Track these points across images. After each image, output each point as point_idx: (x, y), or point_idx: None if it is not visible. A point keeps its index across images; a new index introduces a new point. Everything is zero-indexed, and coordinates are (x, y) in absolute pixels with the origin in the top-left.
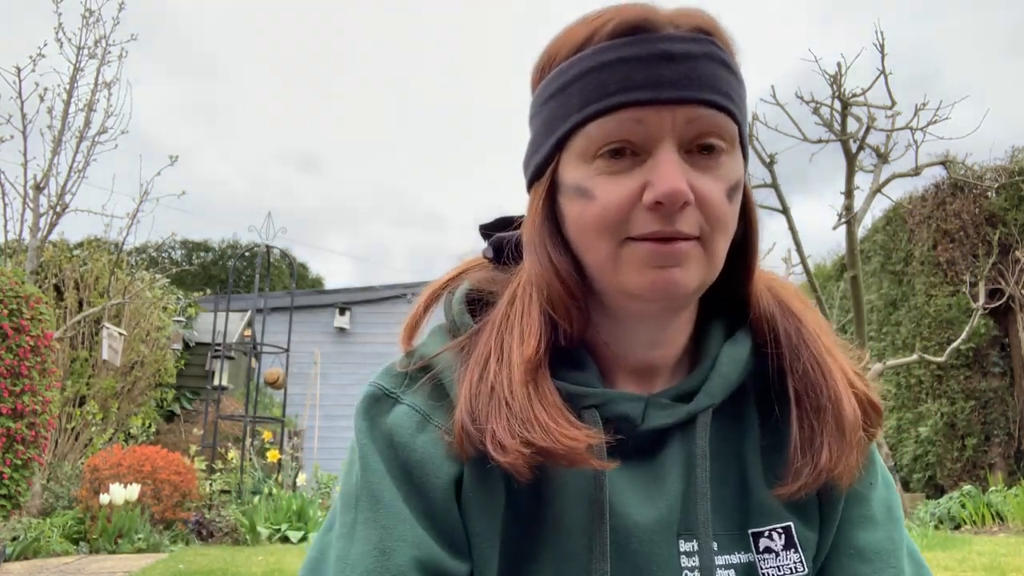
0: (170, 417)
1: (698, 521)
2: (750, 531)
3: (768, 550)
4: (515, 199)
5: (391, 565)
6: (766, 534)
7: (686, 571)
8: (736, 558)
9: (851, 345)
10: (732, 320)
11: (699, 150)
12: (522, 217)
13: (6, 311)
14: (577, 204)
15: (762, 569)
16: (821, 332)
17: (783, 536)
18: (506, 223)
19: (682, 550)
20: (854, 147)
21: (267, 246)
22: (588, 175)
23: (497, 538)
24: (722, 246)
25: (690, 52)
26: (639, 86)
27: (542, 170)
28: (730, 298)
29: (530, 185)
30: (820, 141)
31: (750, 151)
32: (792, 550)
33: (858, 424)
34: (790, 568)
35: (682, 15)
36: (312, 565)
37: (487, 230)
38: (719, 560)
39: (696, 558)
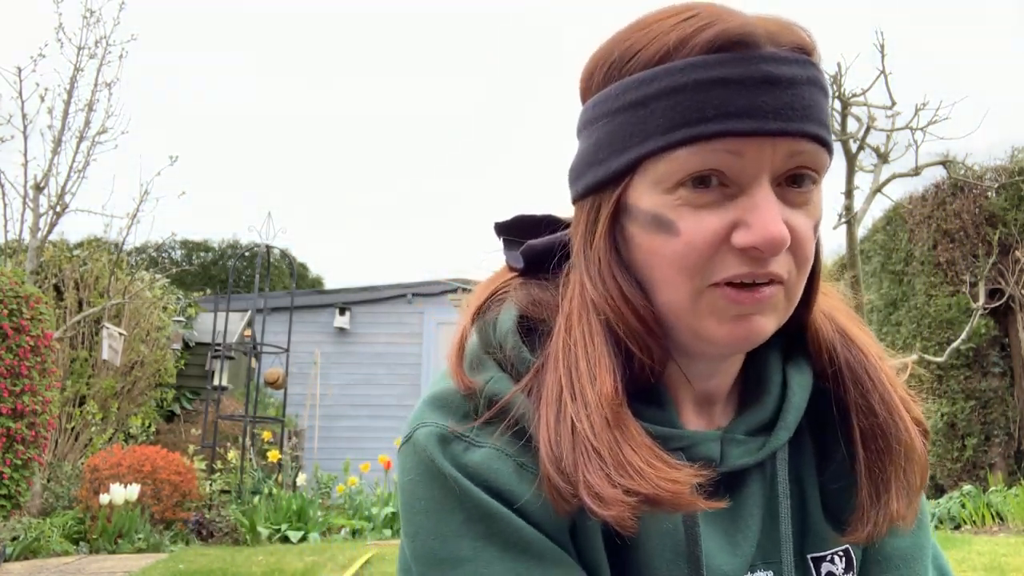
0: (170, 417)
1: (783, 565)
2: (809, 556)
3: (830, 574)
4: (523, 198)
5: None
6: (828, 558)
7: None
8: None
9: (892, 353)
10: (785, 343)
11: (788, 182)
12: (546, 216)
13: (6, 311)
14: (656, 237)
15: None
16: (882, 361)
17: (843, 559)
18: (528, 223)
19: None
20: (854, 147)
21: (267, 246)
22: (669, 204)
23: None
24: (802, 286)
25: (795, 77)
26: (740, 113)
27: (605, 187)
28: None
29: (582, 198)
30: None
31: None
32: (851, 573)
33: (927, 464)
34: None
35: (782, 29)
36: None
37: (506, 232)
38: None
39: None
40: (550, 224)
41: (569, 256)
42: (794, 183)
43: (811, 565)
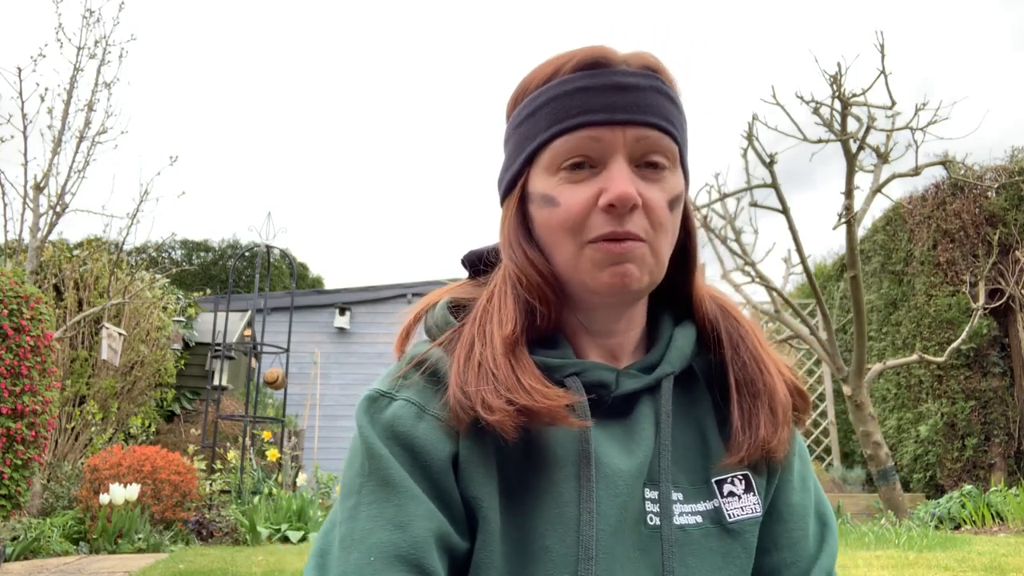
0: (170, 417)
1: (660, 470)
2: (713, 480)
3: (731, 494)
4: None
5: (408, 537)
6: (728, 480)
7: (651, 515)
8: (702, 506)
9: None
10: (677, 313)
11: (646, 166)
12: (493, 246)
13: (6, 311)
14: (544, 210)
15: (727, 510)
16: (756, 331)
17: (743, 481)
18: (489, 249)
19: (647, 497)
20: (854, 147)
21: (267, 246)
22: (553, 185)
23: (496, 499)
24: (666, 248)
25: (639, 84)
26: (596, 109)
27: (514, 182)
28: (675, 297)
29: (504, 198)
30: (820, 141)
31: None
32: (751, 493)
33: (789, 405)
34: (751, 508)
35: (634, 56)
36: (318, 559)
37: (468, 258)
38: (686, 508)
39: (658, 505)
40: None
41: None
42: (649, 166)
43: (714, 486)
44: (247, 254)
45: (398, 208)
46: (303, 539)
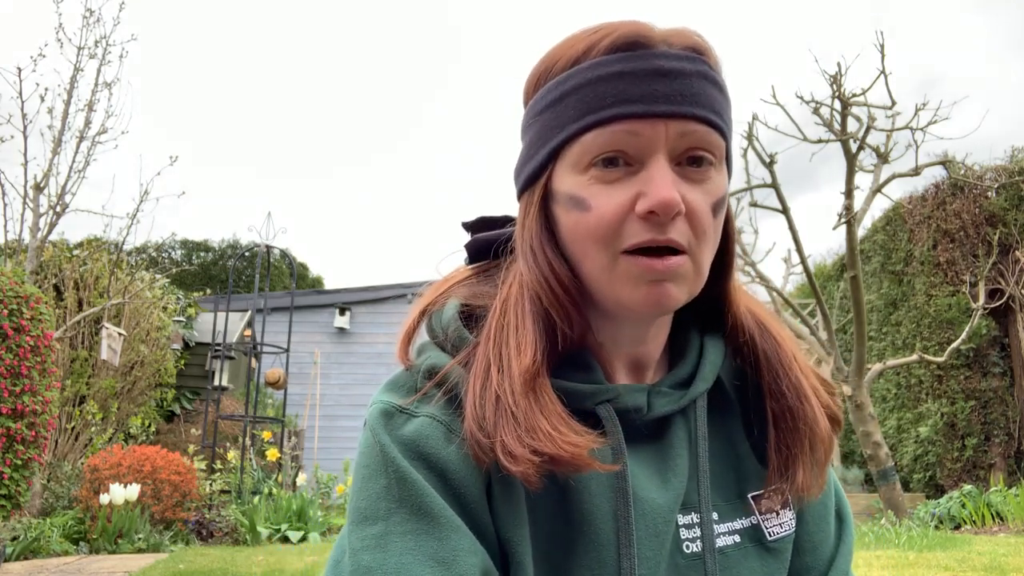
0: (170, 417)
1: (700, 497)
2: (750, 495)
3: (770, 511)
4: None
5: (455, 574)
6: (766, 495)
7: (687, 542)
8: (739, 523)
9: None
10: (704, 317)
11: (688, 163)
12: (503, 217)
13: (6, 311)
14: (572, 214)
15: (767, 527)
16: (796, 353)
17: (780, 496)
18: (488, 223)
19: (681, 523)
20: (854, 147)
21: (267, 246)
22: (582, 184)
23: (528, 543)
24: (708, 258)
25: (683, 70)
26: (634, 99)
27: (536, 178)
28: (703, 303)
29: (522, 193)
30: (820, 141)
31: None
32: (788, 508)
33: (831, 443)
34: (789, 524)
35: (676, 34)
36: None
37: (470, 230)
38: (723, 528)
39: (697, 529)
40: (511, 222)
41: (513, 250)
42: (692, 163)
43: (751, 502)
44: (247, 254)
45: (398, 208)
46: (303, 539)
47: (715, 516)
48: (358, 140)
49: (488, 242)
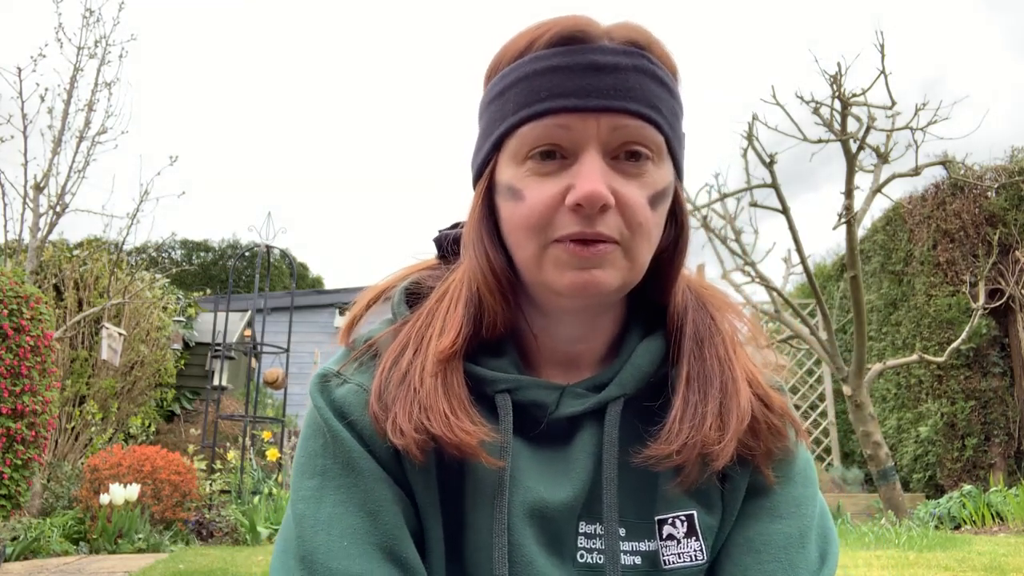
0: (170, 417)
1: (604, 506)
2: (656, 518)
3: (671, 537)
4: None
5: (381, 524)
6: (669, 521)
7: (583, 551)
8: (643, 545)
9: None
10: (652, 320)
11: (625, 157)
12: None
13: (6, 311)
14: (509, 204)
15: (664, 556)
16: (735, 334)
17: (685, 524)
18: (460, 225)
19: (581, 531)
20: (854, 147)
21: (267, 246)
22: (519, 176)
23: (437, 508)
24: (644, 250)
25: (619, 64)
26: (567, 93)
27: (482, 170)
28: (655, 300)
29: (474, 184)
30: (820, 141)
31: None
32: (693, 538)
33: (746, 417)
34: (690, 556)
35: (618, 28)
36: (282, 545)
37: (443, 231)
38: (626, 546)
39: (598, 540)
40: None
41: None
42: (630, 158)
43: (656, 527)
44: (247, 254)
45: (398, 208)
46: None
47: (622, 532)
48: (358, 140)
49: (455, 237)
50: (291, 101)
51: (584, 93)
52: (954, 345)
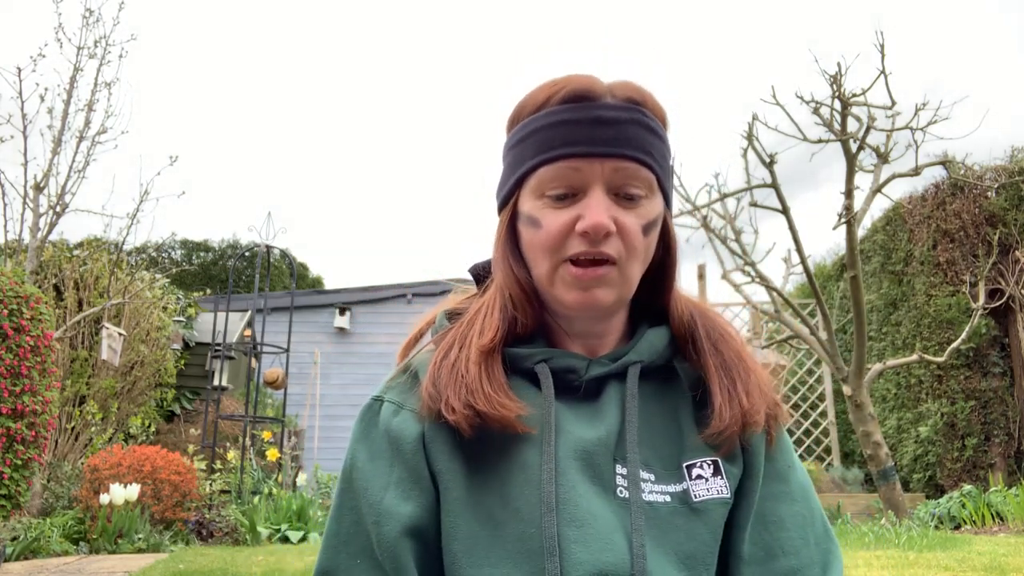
0: (170, 417)
1: (627, 442)
2: (684, 464)
3: (699, 477)
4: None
5: (381, 536)
6: (698, 464)
7: (620, 488)
8: (673, 488)
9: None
10: (655, 320)
11: (624, 195)
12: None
13: (6, 311)
14: (529, 230)
15: (694, 491)
16: (742, 343)
17: (711, 466)
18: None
19: (618, 472)
20: (854, 147)
21: (267, 246)
22: (538, 207)
23: (459, 473)
24: (636, 269)
25: (619, 118)
26: (578, 142)
27: (506, 201)
28: (654, 309)
29: (499, 211)
30: (820, 141)
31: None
32: (719, 477)
33: (768, 390)
34: (717, 490)
35: (619, 87)
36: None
37: (473, 270)
38: (656, 487)
39: (627, 479)
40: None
41: None
42: (627, 197)
43: (684, 471)
44: (247, 254)
45: (398, 208)
46: (303, 539)
47: (651, 477)
48: (358, 140)
49: (483, 264)
50: (291, 101)
51: (591, 142)
52: (954, 345)
